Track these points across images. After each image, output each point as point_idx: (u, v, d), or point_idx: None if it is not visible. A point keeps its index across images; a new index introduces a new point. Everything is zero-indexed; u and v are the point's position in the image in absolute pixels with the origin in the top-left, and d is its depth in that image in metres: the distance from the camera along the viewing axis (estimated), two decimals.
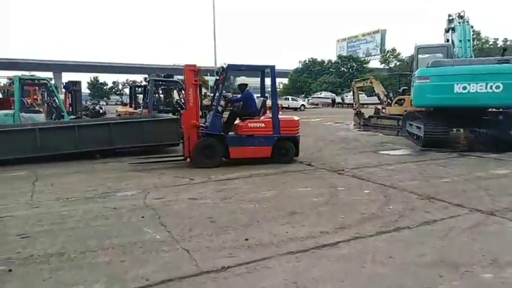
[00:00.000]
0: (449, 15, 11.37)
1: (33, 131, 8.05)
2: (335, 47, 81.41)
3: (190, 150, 7.09)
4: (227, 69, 7.51)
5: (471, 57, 10.35)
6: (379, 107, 17.03)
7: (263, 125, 7.42)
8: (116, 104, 49.63)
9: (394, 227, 3.74)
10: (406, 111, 12.02)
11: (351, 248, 3.26)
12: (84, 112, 16.09)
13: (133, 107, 17.04)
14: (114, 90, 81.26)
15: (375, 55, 71.11)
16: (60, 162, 7.64)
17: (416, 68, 10.09)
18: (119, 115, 16.41)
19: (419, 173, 6.49)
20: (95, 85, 78.95)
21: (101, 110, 24.32)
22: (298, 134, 7.77)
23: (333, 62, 66.30)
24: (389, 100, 16.09)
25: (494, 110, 9.32)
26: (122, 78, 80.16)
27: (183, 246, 3.31)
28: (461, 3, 13.91)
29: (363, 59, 67.17)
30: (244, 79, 8.33)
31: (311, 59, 67.00)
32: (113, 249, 3.26)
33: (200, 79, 7.58)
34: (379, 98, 17.17)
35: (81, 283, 2.69)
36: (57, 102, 12.45)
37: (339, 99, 44.61)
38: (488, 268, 2.87)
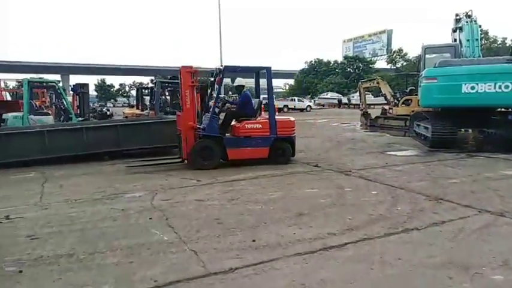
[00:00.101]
0: (457, 15, 11.28)
1: (42, 133, 8.14)
2: (341, 47, 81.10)
3: (188, 152, 7.07)
4: (223, 71, 7.49)
5: (479, 56, 10.26)
6: (386, 107, 16.93)
7: (260, 126, 7.45)
8: (123, 106, 49.92)
9: (403, 228, 3.71)
10: (413, 112, 11.93)
11: (359, 250, 3.24)
12: (91, 114, 16.17)
13: (140, 108, 17.13)
14: (121, 92, 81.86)
15: (381, 55, 70.73)
16: (68, 164, 7.71)
17: (424, 68, 10.00)
18: (126, 117, 16.52)
19: (427, 173, 6.44)
20: (102, 87, 79.61)
21: (108, 112, 24.48)
22: (294, 134, 7.80)
23: (339, 62, 66.09)
24: (396, 100, 15.98)
25: (503, 109, 9.22)
26: (128, 80, 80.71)
27: (191, 248, 3.32)
28: (469, 3, 13.78)
29: (369, 60, 66.84)
30: (240, 80, 8.29)
31: (317, 59, 66.85)
32: (121, 251, 3.28)
33: (198, 80, 7.56)
34: (386, 99, 17.07)
35: (90, 284, 2.71)
36: (65, 104, 12.55)
37: (345, 100, 44.44)
38: (499, 270, 2.83)
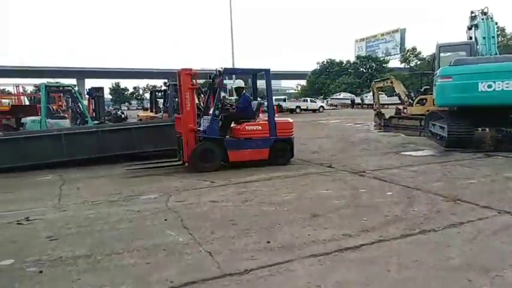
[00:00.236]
0: (472, 12, 11.07)
1: (59, 136, 8.32)
2: (353, 47, 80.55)
3: (189, 154, 7.05)
4: (223, 73, 7.50)
5: (496, 54, 10.03)
6: (400, 107, 16.72)
7: (260, 127, 7.47)
8: (137, 109, 50.63)
9: (419, 230, 3.65)
10: (428, 111, 11.75)
11: (375, 251, 3.20)
12: (106, 117, 16.46)
13: (154, 111, 17.34)
14: (135, 96, 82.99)
15: (394, 54, 69.98)
16: (85, 167, 7.85)
17: (438, 67, 9.85)
18: (140, 120, 16.73)
19: (443, 174, 6.33)
20: (116, 91, 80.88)
21: (122, 115, 24.87)
22: (293, 135, 7.84)
23: (351, 62, 65.64)
24: (410, 100, 15.77)
25: None
26: (142, 83, 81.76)
27: (206, 249, 3.34)
28: (485, 0, 13.45)
29: (382, 59, 66.22)
30: (240, 82, 8.24)
31: (329, 60, 66.56)
32: (137, 252, 3.32)
33: (197, 83, 7.56)
34: (400, 98, 16.86)
35: (108, 285, 2.75)
36: (81, 108, 12.82)
37: (358, 100, 44.11)
38: None
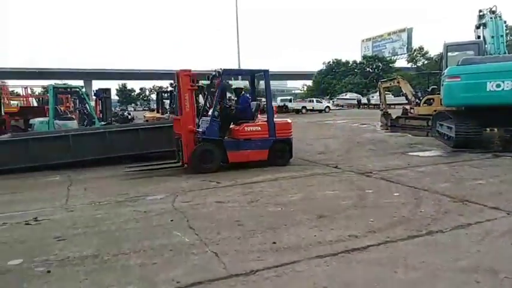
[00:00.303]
0: (480, 11, 10.97)
1: (67, 137, 8.39)
2: (359, 47, 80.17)
3: (188, 156, 7.01)
4: (223, 74, 7.47)
5: (505, 53, 9.93)
6: (407, 107, 16.60)
7: (259, 128, 7.49)
8: (144, 110, 50.92)
9: (427, 231, 3.63)
10: (435, 111, 11.66)
11: (382, 252, 3.19)
12: (113, 118, 16.56)
13: (161, 112, 17.40)
14: (141, 96, 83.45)
15: (401, 54, 69.52)
16: (92, 167, 7.90)
17: (446, 67, 9.77)
18: (147, 120, 16.81)
19: (451, 174, 6.27)
20: (123, 92, 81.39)
21: (129, 116, 25.03)
22: (292, 136, 7.84)
23: (357, 62, 65.34)
24: (417, 100, 15.65)
25: None
26: (148, 84, 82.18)
27: (212, 249, 3.35)
28: None
29: (389, 59, 65.83)
30: (239, 83, 8.22)
31: (335, 60, 66.32)
32: (144, 252, 3.34)
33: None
34: (407, 98, 16.74)
35: (115, 284, 2.77)
36: (88, 109, 12.92)
37: (364, 100, 43.90)
38: None
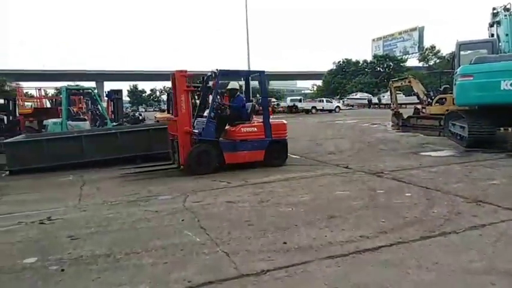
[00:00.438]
0: (494, 9, 10.77)
1: (79, 138, 8.52)
2: (370, 46, 79.59)
3: (185, 157, 6.97)
4: (219, 75, 7.45)
5: None
6: (419, 106, 16.41)
7: (255, 129, 7.49)
8: (154, 111, 51.31)
9: (439, 232, 3.58)
10: (447, 111, 11.50)
11: (394, 253, 3.15)
12: (124, 119, 16.73)
13: (171, 113, 17.49)
14: (152, 97, 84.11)
15: (412, 53, 68.80)
16: (104, 168, 7.99)
17: (458, 66, 9.62)
18: (158, 121, 16.93)
19: (464, 175, 6.18)
20: (134, 93, 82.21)
21: (140, 117, 25.24)
22: (287, 137, 7.86)
23: (368, 62, 64.84)
24: (429, 99, 15.46)
25: None
26: (159, 85, 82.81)
27: (223, 249, 3.36)
28: None
29: (400, 58, 65.19)
30: (234, 84, 8.17)
31: (345, 59, 65.96)
32: (155, 251, 3.37)
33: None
34: (419, 98, 16.55)
35: (127, 283, 2.80)
36: (100, 110, 13.07)
37: (375, 100, 43.57)
38: None
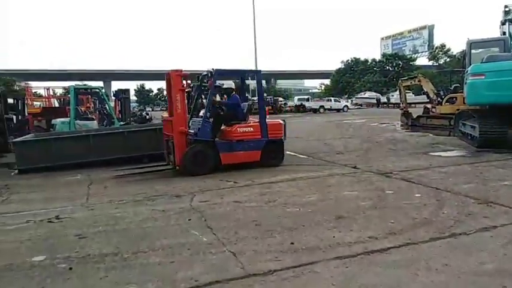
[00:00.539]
0: (506, 6, 10.59)
1: (87, 137, 8.57)
2: (379, 45, 78.99)
3: (180, 158, 6.89)
4: (215, 74, 7.36)
5: None
6: (429, 106, 16.21)
7: (252, 129, 7.44)
8: (162, 110, 51.57)
9: (450, 233, 3.52)
10: (458, 110, 11.35)
11: (403, 255, 3.11)
12: (132, 118, 16.82)
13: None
14: (159, 97, 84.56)
15: (422, 52, 68.10)
16: (111, 167, 8.01)
17: (469, 64, 9.48)
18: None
19: (475, 175, 6.09)
20: (141, 92, 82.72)
21: (147, 116, 25.38)
22: (283, 136, 7.80)
23: (377, 61, 64.38)
24: (439, 99, 15.26)
25: None
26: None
27: (229, 249, 3.34)
28: None
29: (409, 57, 64.59)
30: (230, 83, 8.12)
31: (354, 58, 65.58)
32: (162, 250, 3.37)
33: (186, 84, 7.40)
34: (429, 97, 16.32)
35: (135, 282, 2.79)
36: (108, 109, 13.16)
37: (384, 99, 43.25)
38: None
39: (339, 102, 39.88)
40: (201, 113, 7.85)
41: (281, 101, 43.98)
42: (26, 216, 4.68)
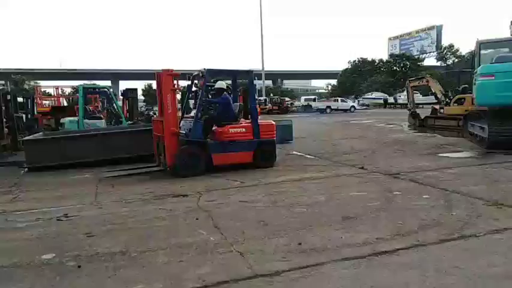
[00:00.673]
0: None
1: (95, 136, 8.64)
2: (386, 45, 78.49)
3: (171, 159, 6.79)
4: (206, 74, 7.32)
5: None
6: (437, 107, 16.07)
7: (244, 130, 7.37)
8: None
9: (459, 235, 3.48)
10: (467, 111, 11.23)
11: (412, 256, 3.08)
12: (139, 117, 16.89)
13: (184, 112, 17.56)
14: None
15: (430, 52, 67.51)
16: (119, 165, 8.06)
17: (479, 65, 9.39)
18: None
19: (484, 176, 6.03)
20: (149, 92, 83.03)
21: (154, 115, 25.43)
22: (275, 137, 7.74)
23: (384, 61, 63.98)
24: (447, 99, 15.12)
25: None
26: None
27: (237, 249, 3.34)
28: None
29: (417, 57, 64.09)
30: (222, 83, 8.02)
31: (361, 58, 65.21)
32: (170, 250, 3.38)
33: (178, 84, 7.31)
34: (437, 97, 16.19)
35: (143, 281, 2.81)
36: (116, 108, 13.24)
37: (391, 100, 43.00)
38: None
39: (346, 102, 39.70)
40: (192, 113, 7.77)
41: (287, 101, 43.95)
42: (35, 214, 4.73)
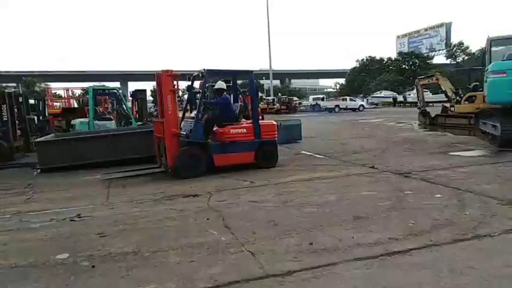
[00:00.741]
0: None
1: (106, 137, 8.72)
2: (395, 44, 77.79)
3: (172, 160, 6.77)
4: (206, 74, 7.28)
5: None
6: (447, 105, 15.87)
7: (245, 130, 7.32)
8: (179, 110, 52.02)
9: (473, 235, 3.44)
10: (478, 109, 11.08)
11: (425, 256, 3.05)
12: (148, 118, 17.01)
13: (190, 112, 17.64)
14: None
15: (439, 50, 66.73)
16: (130, 166, 8.12)
17: (489, 62, 9.25)
18: None
19: (497, 175, 5.94)
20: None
21: None
22: (276, 138, 7.68)
23: (393, 59, 63.40)
24: (458, 97, 14.93)
25: None
26: (182, 85, 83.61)
27: (248, 249, 3.35)
28: None
29: (426, 55, 63.40)
30: (222, 84, 7.94)
31: (369, 57, 64.71)
32: (182, 250, 3.40)
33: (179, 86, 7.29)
34: (447, 96, 15.97)
35: (155, 281, 2.83)
36: (125, 109, 13.35)
37: (400, 98, 42.61)
38: None
39: (355, 101, 39.40)
40: (193, 113, 7.75)
41: (296, 100, 43.86)
42: (49, 214, 4.80)
